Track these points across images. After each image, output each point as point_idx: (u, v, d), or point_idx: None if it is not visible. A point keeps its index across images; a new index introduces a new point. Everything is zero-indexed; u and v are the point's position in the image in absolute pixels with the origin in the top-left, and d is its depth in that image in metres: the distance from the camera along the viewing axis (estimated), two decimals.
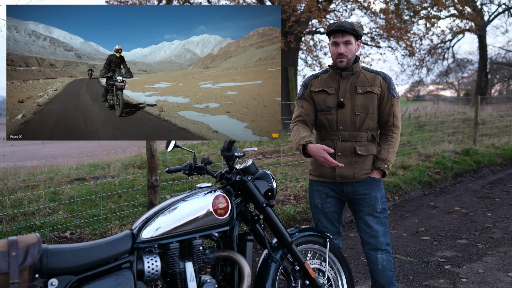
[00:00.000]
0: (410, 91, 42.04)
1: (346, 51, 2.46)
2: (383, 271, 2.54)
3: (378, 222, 2.54)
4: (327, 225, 2.64)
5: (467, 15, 14.22)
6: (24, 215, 4.32)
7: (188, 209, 2.01)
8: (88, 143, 9.60)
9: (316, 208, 2.67)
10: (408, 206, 5.65)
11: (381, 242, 2.53)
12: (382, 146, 2.56)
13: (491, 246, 4.06)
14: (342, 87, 2.53)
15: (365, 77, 2.54)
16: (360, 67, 2.58)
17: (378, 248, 2.53)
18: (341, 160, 2.50)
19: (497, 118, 13.54)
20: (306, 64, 16.15)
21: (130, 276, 1.82)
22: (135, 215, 4.40)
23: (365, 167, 2.53)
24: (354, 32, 2.46)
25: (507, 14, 24.23)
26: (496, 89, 36.07)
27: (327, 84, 2.58)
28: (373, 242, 2.54)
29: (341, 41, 2.46)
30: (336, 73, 2.56)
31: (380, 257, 2.53)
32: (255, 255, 3.83)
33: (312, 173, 2.69)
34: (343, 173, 2.51)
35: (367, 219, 2.55)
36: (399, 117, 2.58)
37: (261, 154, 7.56)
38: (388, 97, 2.53)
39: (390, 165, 2.54)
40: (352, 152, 2.50)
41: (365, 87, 2.51)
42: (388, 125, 2.57)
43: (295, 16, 10.77)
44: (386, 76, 2.56)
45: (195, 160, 2.30)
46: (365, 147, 2.52)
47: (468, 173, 7.40)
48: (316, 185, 2.65)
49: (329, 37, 2.53)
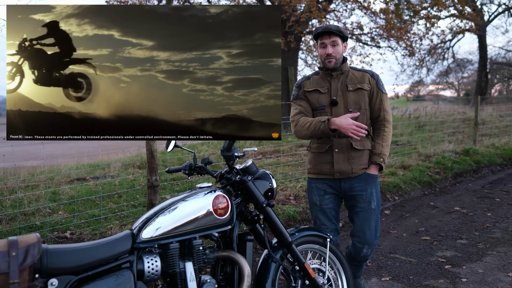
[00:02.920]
0: (410, 91, 41.95)
1: (333, 51, 2.58)
2: (360, 261, 2.79)
3: (372, 218, 2.66)
4: (325, 222, 2.71)
5: (467, 15, 14.22)
6: (24, 215, 4.32)
7: (188, 209, 2.01)
8: (88, 143, 9.60)
9: (314, 206, 2.74)
10: (408, 206, 5.65)
11: (371, 238, 2.67)
12: (376, 140, 2.67)
13: (491, 246, 4.06)
14: (333, 86, 2.64)
15: (354, 75, 2.66)
16: (348, 67, 2.70)
17: (366, 243, 2.67)
18: (338, 156, 2.61)
19: (497, 118, 13.55)
20: (306, 64, 16.15)
21: (130, 276, 1.82)
22: (135, 215, 4.40)
23: (362, 162, 2.64)
24: (340, 33, 2.57)
25: (507, 14, 24.22)
26: (496, 89, 36.07)
27: (319, 84, 2.69)
28: (363, 237, 2.67)
29: (328, 42, 2.58)
30: (326, 73, 2.68)
31: (365, 251, 2.69)
32: (255, 255, 3.83)
33: (310, 171, 2.76)
34: (341, 168, 2.61)
35: (361, 214, 2.67)
36: (389, 112, 2.70)
37: (261, 154, 7.56)
38: (377, 92, 2.65)
39: (385, 158, 2.64)
40: (348, 147, 2.61)
41: (355, 84, 2.63)
42: (380, 119, 2.68)
43: (295, 16, 10.77)
44: (373, 73, 2.69)
45: (195, 160, 2.30)
46: (361, 142, 2.62)
47: (468, 173, 7.41)
48: (315, 183, 2.73)
49: (317, 40, 2.66)
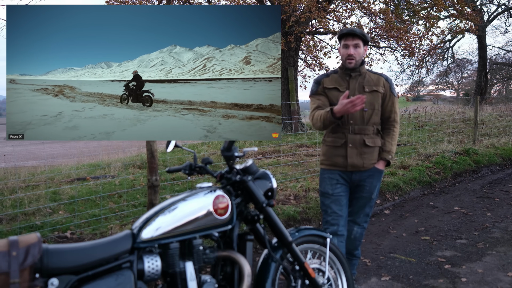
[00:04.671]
0: (410, 91, 41.88)
1: (355, 53, 2.76)
2: (354, 240, 3.02)
3: (368, 205, 2.96)
4: (337, 211, 2.87)
5: (467, 16, 14.20)
6: (24, 215, 4.32)
7: (188, 209, 2.01)
8: (88, 143, 9.61)
9: (326, 195, 2.90)
10: (407, 206, 5.65)
11: (362, 220, 3.00)
12: (386, 139, 2.91)
13: (490, 246, 4.06)
14: (351, 86, 2.84)
15: (370, 78, 2.87)
16: (366, 69, 2.90)
17: (357, 223, 3.00)
18: (352, 150, 2.82)
19: (496, 118, 13.54)
20: (306, 64, 16.11)
21: (130, 276, 1.82)
22: (135, 215, 4.40)
23: (373, 158, 2.87)
24: (363, 37, 2.76)
25: (506, 14, 24.21)
26: (496, 89, 36.03)
27: (337, 82, 2.87)
28: (355, 218, 2.99)
29: (351, 43, 2.76)
30: (346, 73, 2.86)
31: (355, 230, 3.00)
32: (255, 255, 3.84)
33: (324, 162, 2.95)
34: (354, 162, 2.82)
35: (360, 200, 2.94)
36: (398, 113, 2.96)
37: (261, 154, 7.56)
38: (390, 95, 2.89)
39: (393, 155, 2.90)
40: (361, 144, 2.82)
41: (371, 86, 2.84)
42: (390, 120, 2.93)
43: (295, 16, 10.77)
44: (387, 78, 2.93)
45: (195, 160, 2.30)
46: (372, 139, 2.85)
47: (467, 173, 7.41)
48: (328, 173, 2.92)
49: (340, 41, 2.83)
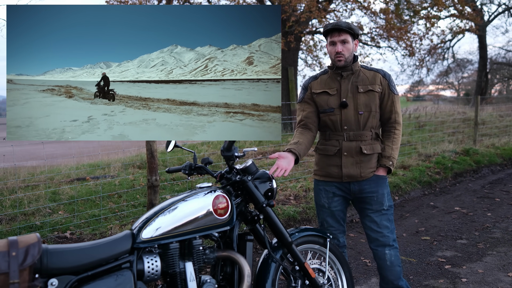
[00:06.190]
0: (410, 91, 42.00)
1: (343, 49, 2.45)
2: (391, 267, 2.56)
3: (385, 218, 2.56)
4: (333, 224, 2.63)
5: (467, 15, 14.20)
6: (24, 215, 4.32)
7: (188, 209, 2.01)
8: (88, 143, 9.60)
9: (323, 208, 2.65)
10: (408, 206, 5.65)
11: (389, 238, 2.55)
12: (386, 143, 2.58)
13: (491, 246, 4.06)
14: (343, 87, 2.51)
15: (365, 75, 2.53)
16: (359, 66, 2.56)
17: (386, 244, 2.55)
18: (347, 159, 2.52)
19: (497, 118, 13.54)
20: (306, 64, 16.14)
21: (130, 276, 1.82)
22: (135, 215, 4.39)
23: (371, 166, 2.55)
24: (351, 30, 2.44)
25: (507, 14, 24.22)
26: (496, 89, 36.04)
27: (327, 85, 2.57)
28: (381, 239, 2.55)
29: (338, 39, 2.45)
30: (336, 73, 2.54)
31: (388, 253, 2.55)
32: (255, 255, 3.83)
33: (317, 173, 2.67)
34: (350, 172, 2.52)
35: (374, 216, 2.56)
36: (400, 114, 2.59)
37: (261, 154, 7.56)
38: (389, 94, 2.54)
39: (394, 161, 2.55)
40: (358, 152, 2.51)
41: (366, 85, 2.50)
42: (390, 122, 2.58)
43: (295, 16, 10.77)
44: (385, 73, 2.56)
45: (195, 160, 2.30)
46: (370, 145, 2.53)
47: (468, 173, 7.40)
48: (323, 185, 2.64)
49: (326, 38, 2.53)
